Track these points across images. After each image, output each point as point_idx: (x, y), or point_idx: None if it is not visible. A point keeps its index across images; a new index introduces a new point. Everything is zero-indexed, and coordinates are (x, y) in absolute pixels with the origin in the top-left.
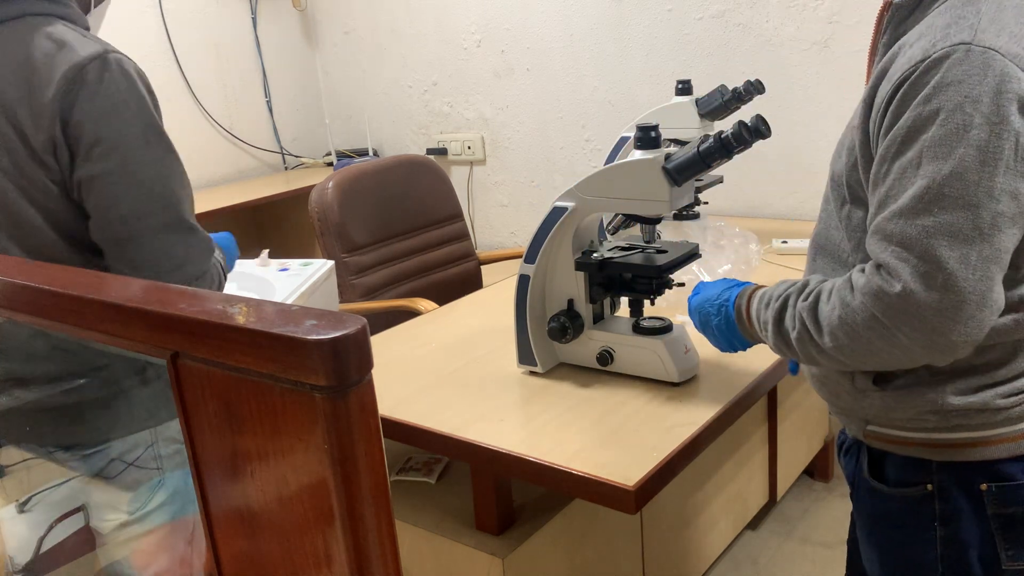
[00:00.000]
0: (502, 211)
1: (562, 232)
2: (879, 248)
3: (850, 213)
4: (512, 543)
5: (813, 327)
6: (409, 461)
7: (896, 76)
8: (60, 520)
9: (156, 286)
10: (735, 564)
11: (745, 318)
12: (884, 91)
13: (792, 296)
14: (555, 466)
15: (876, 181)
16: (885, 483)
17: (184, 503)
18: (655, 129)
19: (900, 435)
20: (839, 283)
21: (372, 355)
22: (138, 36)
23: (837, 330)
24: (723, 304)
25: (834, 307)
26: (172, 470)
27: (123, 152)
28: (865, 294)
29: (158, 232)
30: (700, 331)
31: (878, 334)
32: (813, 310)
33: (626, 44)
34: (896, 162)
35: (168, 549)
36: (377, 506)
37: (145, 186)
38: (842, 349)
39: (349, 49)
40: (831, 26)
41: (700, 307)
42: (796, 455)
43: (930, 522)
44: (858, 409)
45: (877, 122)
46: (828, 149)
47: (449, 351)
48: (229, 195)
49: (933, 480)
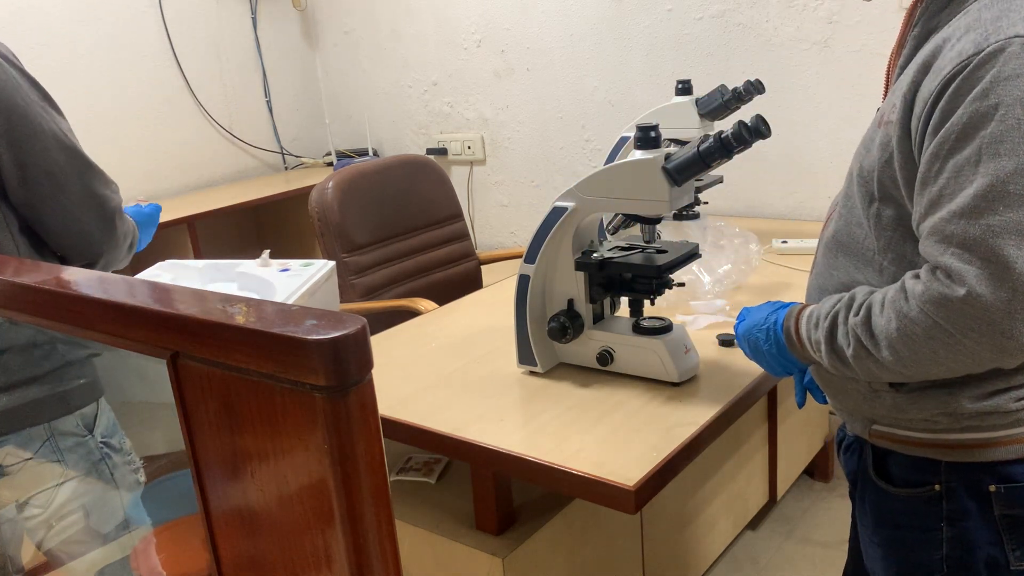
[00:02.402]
0: (502, 211)
1: (562, 232)
2: (937, 251)
3: (879, 211)
4: (512, 543)
5: (869, 342)
6: (409, 461)
7: (945, 71)
8: (60, 519)
9: (157, 286)
10: (735, 564)
11: (796, 340)
12: (930, 86)
13: (841, 312)
14: (555, 466)
15: (925, 180)
16: (890, 482)
17: (96, 500)
18: (655, 129)
19: (908, 435)
20: (891, 293)
21: (372, 355)
22: (138, 36)
23: (896, 343)
24: (771, 328)
25: (890, 319)
26: (75, 465)
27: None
28: (925, 302)
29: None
30: (751, 358)
31: (942, 343)
32: (867, 324)
33: (626, 44)
34: (950, 160)
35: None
36: (377, 506)
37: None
38: (903, 361)
39: (349, 49)
40: (831, 26)
41: (748, 334)
42: (796, 455)
43: (936, 522)
44: (866, 409)
45: (922, 118)
46: (828, 149)
47: (449, 351)
48: (229, 195)
49: (941, 480)
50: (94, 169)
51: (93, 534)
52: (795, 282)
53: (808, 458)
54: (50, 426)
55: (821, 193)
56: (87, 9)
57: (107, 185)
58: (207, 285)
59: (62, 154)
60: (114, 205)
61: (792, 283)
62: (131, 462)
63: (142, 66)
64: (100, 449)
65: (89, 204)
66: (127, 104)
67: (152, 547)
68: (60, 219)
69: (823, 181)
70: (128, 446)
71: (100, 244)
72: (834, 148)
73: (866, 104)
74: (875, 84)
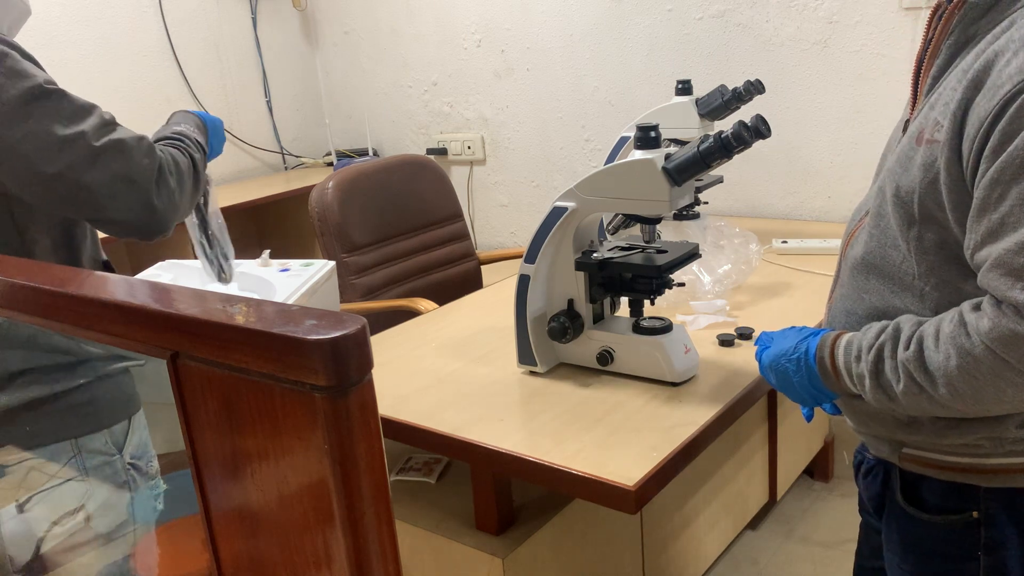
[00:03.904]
0: (502, 211)
1: (562, 232)
2: (1005, 285)
3: (920, 234)
4: (512, 543)
5: (924, 379)
6: (409, 461)
7: (1004, 89)
8: (60, 520)
9: (157, 286)
10: (735, 564)
11: (831, 371)
12: (987, 106)
13: (887, 345)
14: (555, 466)
15: (984, 206)
16: (922, 508)
17: (117, 516)
18: (655, 129)
19: (944, 459)
20: (948, 328)
21: (372, 355)
22: (138, 36)
23: (956, 381)
24: (802, 357)
25: (949, 356)
26: (102, 482)
27: (16, 119)
28: (993, 340)
29: (89, 168)
30: (778, 388)
31: (1009, 381)
32: (919, 360)
33: (626, 44)
34: (1015, 186)
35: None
36: (377, 506)
37: (49, 139)
38: (962, 398)
39: (349, 49)
40: (831, 26)
41: (776, 363)
42: (796, 455)
43: (973, 550)
44: (899, 434)
45: (978, 140)
46: (828, 149)
47: (449, 351)
48: (229, 195)
49: (980, 507)
50: (42, 105)
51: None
52: (795, 282)
53: (808, 458)
54: (77, 442)
55: (821, 193)
56: (87, 9)
57: (74, 117)
58: (207, 285)
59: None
60: (96, 133)
61: (792, 283)
62: (154, 487)
63: (142, 66)
64: (127, 471)
65: (52, 153)
66: (127, 104)
67: (152, 547)
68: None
69: (823, 181)
70: (155, 470)
71: (120, 199)
72: (834, 148)
73: (866, 104)
74: (875, 84)
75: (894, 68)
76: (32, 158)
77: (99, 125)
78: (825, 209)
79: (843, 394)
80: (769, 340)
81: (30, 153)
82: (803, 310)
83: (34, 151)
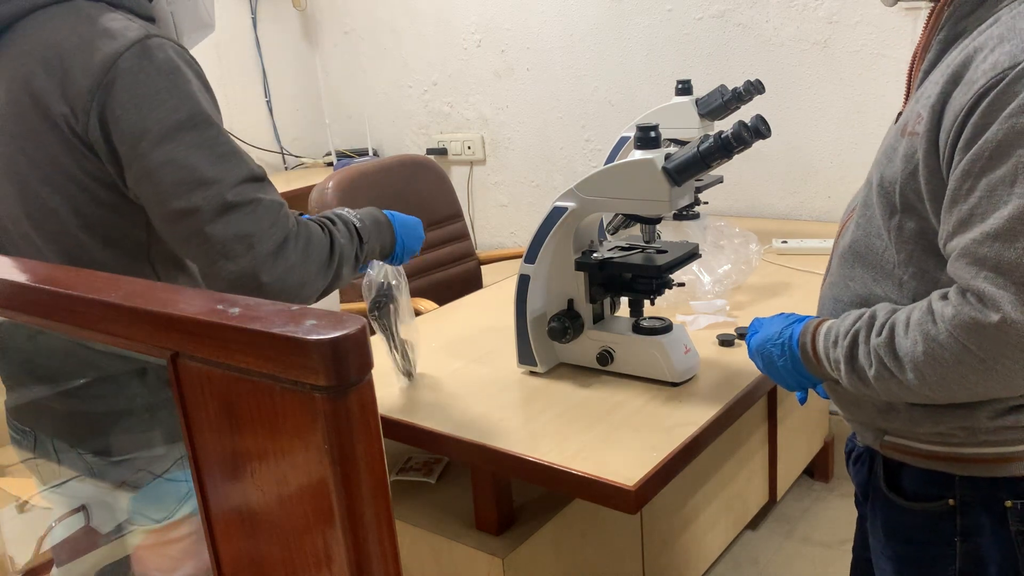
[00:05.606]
0: (502, 211)
1: (562, 232)
2: (968, 273)
3: (901, 223)
4: (512, 543)
5: (893, 364)
6: (409, 461)
7: (978, 84)
8: (60, 520)
9: (157, 286)
10: (735, 564)
11: (812, 356)
12: (962, 99)
13: (862, 331)
14: (555, 466)
15: (955, 197)
16: (902, 495)
17: (117, 516)
18: (655, 129)
19: (921, 447)
20: (917, 315)
21: (372, 355)
22: None
23: (923, 366)
24: (786, 342)
25: (916, 342)
26: (102, 482)
27: (163, 142)
28: (956, 326)
29: (214, 219)
30: (764, 372)
31: (972, 368)
32: (890, 346)
33: (626, 44)
34: (984, 178)
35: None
36: (377, 506)
37: (187, 174)
38: (929, 384)
39: (349, 49)
40: (831, 26)
41: (761, 348)
42: (796, 455)
43: (950, 537)
44: (879, 421)
45: (953, 132)
46: (828, 149)
47: (449, 351)
48: None
49: (955, 494)
50: (194, 134)
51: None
52: (795, 282)
53: (808, 458)
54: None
55: (821, 193)
56: None
57: (222, 159)
58: None
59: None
60: (236, 185)
61: (792, 283)
62: (155, 487)
63: None
64: (127, 471)
65: (176, 228)
66: None
67: (152, 547)
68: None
69: (823, 181)
70: (155, 469)
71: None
72: (834, 148)
73: (866, 104)
74: (875, 84)
75: (894, 68)
76: (164, 186)
77: (243, 177)
78: (825, 209)
79: (824, 379)
80: (759, 325)
81: (164, 180)
82: (803, 310)
83: (169, 180)
